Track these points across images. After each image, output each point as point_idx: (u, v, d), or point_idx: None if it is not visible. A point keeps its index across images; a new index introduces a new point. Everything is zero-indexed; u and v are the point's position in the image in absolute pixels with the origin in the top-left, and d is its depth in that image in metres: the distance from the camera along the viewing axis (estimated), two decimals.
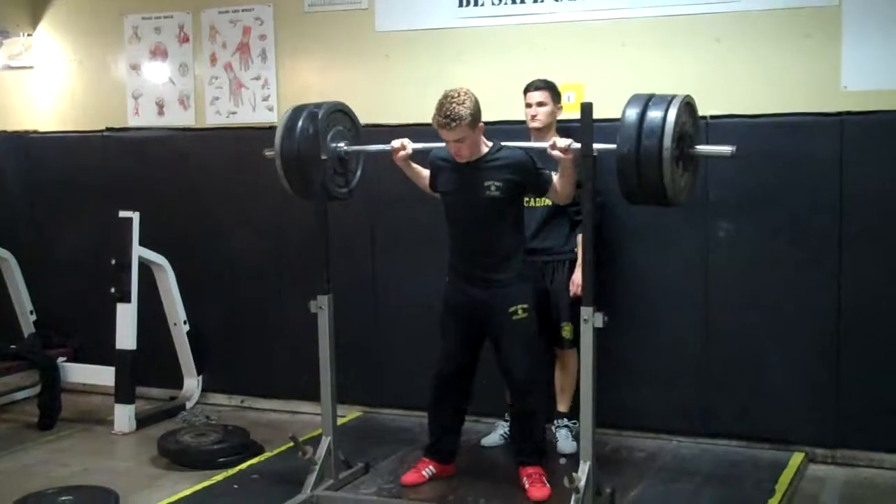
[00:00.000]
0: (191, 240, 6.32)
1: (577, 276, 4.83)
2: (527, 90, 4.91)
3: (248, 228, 6.19)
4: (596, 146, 4.01)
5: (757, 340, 5.06)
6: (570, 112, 5.02)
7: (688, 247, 5.15)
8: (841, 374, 4.93)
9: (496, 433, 5.19)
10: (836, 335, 4.92)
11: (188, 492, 4.67)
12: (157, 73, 6.50)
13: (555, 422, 5.04)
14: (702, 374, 5.17)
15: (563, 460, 4.59)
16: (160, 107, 6.51)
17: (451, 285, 4.53)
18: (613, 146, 3.95)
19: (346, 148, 4.66)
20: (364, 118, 5.68)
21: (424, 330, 4.86)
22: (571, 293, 4.84)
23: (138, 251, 5.89)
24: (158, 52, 6.49)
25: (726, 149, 4.01)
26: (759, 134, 4.96)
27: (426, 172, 4.61)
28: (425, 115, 5.54)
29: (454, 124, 4.19)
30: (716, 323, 5.13)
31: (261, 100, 6.21)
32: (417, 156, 4.60)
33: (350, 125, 4.79)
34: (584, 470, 4.07)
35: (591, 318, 4.04)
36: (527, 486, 4.43)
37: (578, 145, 4.08)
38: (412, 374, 4.84)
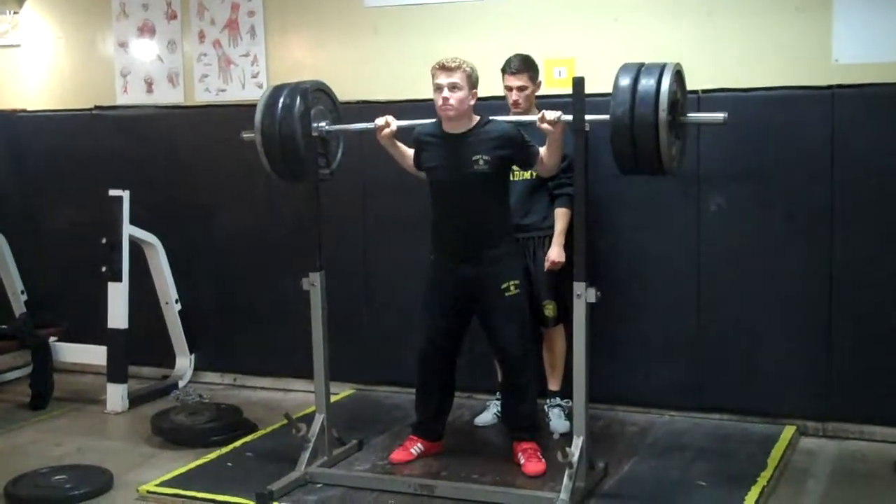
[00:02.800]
0: (182, 218, 6.29)
1: (553, 252, 4.82)
2: (504, 71, 4.87)
3: (239, 206, 6.17)
4: (588, 117, 4.00)
5: (749, 314, 5.07)
6: (562, 87, 5.02)
7: (679, 221, 5.15)
8: (832, 347, 4.94)
9: (489, 412, 5.19)
10: (827, 309, 4.93)
11: (182, 470, 4.67)
12: (146, 51, 6.45)
13: (547, 401, 5.05)
14: (694, 349, 5.19)
15: (556, 436, 4.60)
16: (149, 84, 6.47)
17: (437, 264, 4.49)
18: (606, 117, 3.94)
19: (327, 127, 4.61)
20: (354, 94, 5.70)
21: (418, 307, 4.85)
22: (546, 268, 4.83)
23: (129, 230, 5.87)
24: (146, 30, 6.44)
25: (718, 116, 4.02)
26: (750, 107, 4.94)
27: (410, 152, 4.57)
28: (416, 90, 5.58)
29: (454, 65, 4.22)
30: (708, 297, 5.14)
31: (250, 77, 6.17)
32: (401, 134, 4.56)
33: (330, 105, 4.75)
34: (577, 445, 4.09)
35: (583, 294, 4.04)
36: (522, 461, 4.44)
37: (568, 117, 4.07)
38: (405, 350, 4.84)
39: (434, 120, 4.43)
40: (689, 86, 4.98)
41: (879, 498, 4.21)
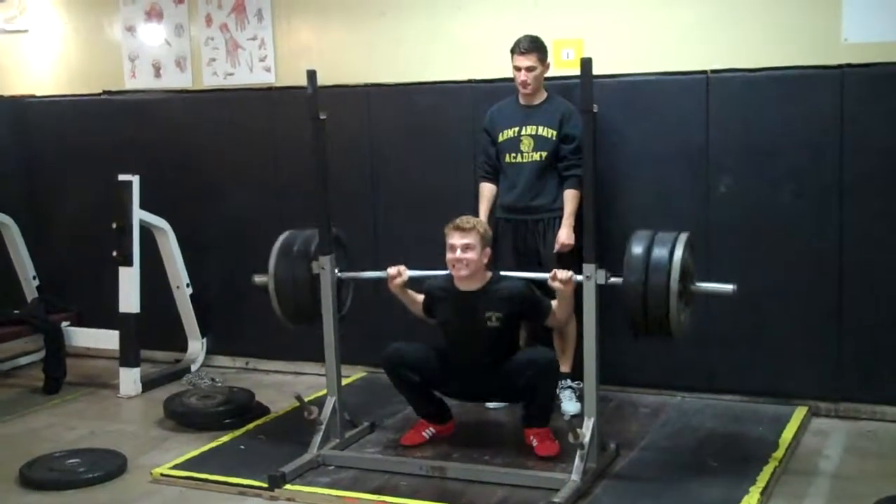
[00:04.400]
0: (191, 202, 6.30)
1: (563, 234, 4.81)
2: (513, 51, 4.88)
3: (248, 189, 6.17)
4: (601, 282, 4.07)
5: (759, 295, 5.05)
6: (570, 69, 5.00)
7: (689, 201, 5.13)
8: (843, 327, 4.93)
9: None
10: (838, 288, 4.91)
11: (195, 453, 4.70)
12: (153, 35, 6.45)
13: (559, 383, 5.04)
14: (704, 330, 5.16)
15: (566, 417, 4.60)
16: (157, 69, 6.48)
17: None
18: (619, 280, 4.04)
19: (339, 274, 4.63)
20: (363, 77, 5.71)
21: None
22: (556, 250, 4.82)
23: (139, 214, 5.88)
24: (154, 14, 6.43)
25: (727, 287, 4.10)
26: (759, 88, 4.93)
27: (420, 297, 4.61)
28: (424, 72, 5.59)
29: (468, 226, 4.32)
30: (718, 278, 5.10)
31: (258, 60, 6.17)
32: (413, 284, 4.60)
33: (341, 251, 4.75)
34: (588, 426, 4.10)
35: (593, 276, 4.05)
36: (535, 443, 4.45)
37: (579, 277, 4.12)
38: (417, 333, 4.84)
39: (446, 272, 4.45)
40: (698, 67, 5.01)
41: (892, 478, 4.20)
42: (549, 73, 5.04)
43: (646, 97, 5.15)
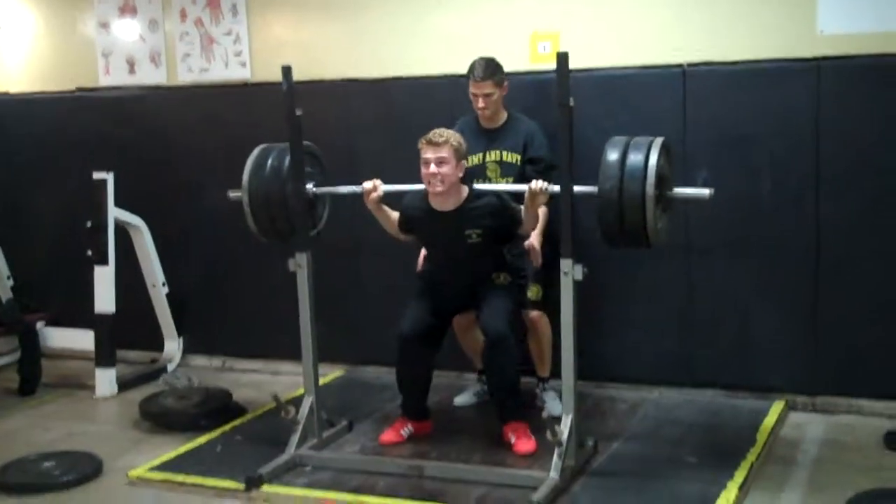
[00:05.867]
0: (167, 200, 6.25)
1: (534, 241, 4.67)
2: (469, 77, 4.77)
3: (224, 186, 6.05)
4: (575, 189, 4.03)
5: (737, 289, 5.06)
6: (546, 63, 4.97)
7: None
8: (820, 321, 4.94)
9: (469, 392, 5.18)
10: (814, 283, 4.92)
11: (172, 454, 4.66)
12: (127, 31, 6.38)
13: (540, 385, 5.03)
14: (683, 324, 5.18)
15: (545, 415, 4.59)
16: (131, 65, 6.41)
17: (430, 271, 4.64)
18: (593, 188, 3.96)
19: (314, 189, 4.60)
20: (340, 73, 5.66)
21: (406, 286, 4.83)
22: (535, 263, 4.75)
23: (114, 212, 5.83)
24: (127, 9, 6.36)
25: (704, 191, 4.04)
26: (736, 80, 4.93)
27: (395, 214, 4.57)
28: (403, 68, 5.55)
29: (441, 140, 4.29)
30: (696, 272, 5.13)
31: (233, 55, 6.11)
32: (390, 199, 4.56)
33: (317, 166, 4.72)
34: (566, 423, 4.10)
35: (570, 271, 4.03)
36: (513, 440, 4.44)
37: (554, 188, 4.10)
38: (394, 330, 4.82)
39: (421, 187, 4.40)
40: (675, 60, 4.99)
41: (868, 471, 4.21)
42: (526, 68, 5.01)
43: (622, 90, 5.13)
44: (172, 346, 6.27)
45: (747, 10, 4.95)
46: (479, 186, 4.48)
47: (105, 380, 5.76)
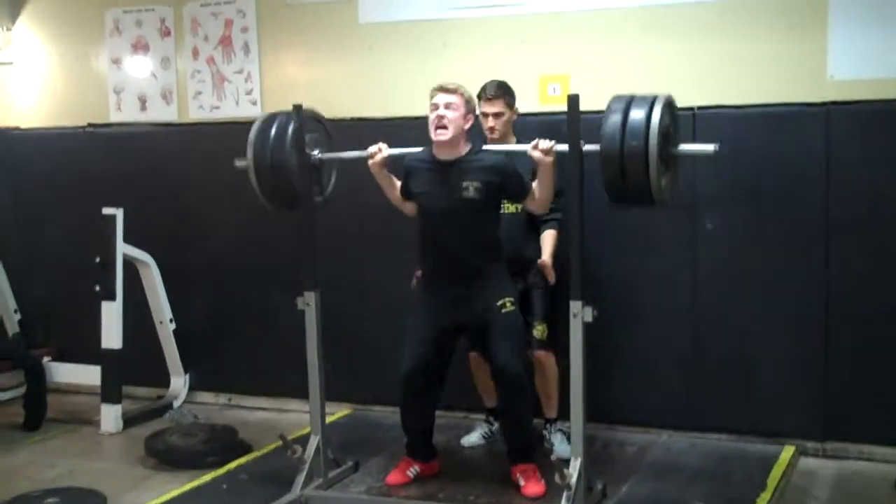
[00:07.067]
0: (176, 236, 6.26)
1: (547, 260, 4.71)
2: (480, 97, 4.75)
3: (234, 224, 6.13)
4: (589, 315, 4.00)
5: (745, 334, 5.04)
6: (557, 104, 4.99)
7: (675, 239, 5.12)
8: (830, 366, 4.92)
9: (476, 433, 5.14)
10: (824, 327, 4.90)
11: (176, 492, 4.63)
12: (139, 68, 6.43)
13: (546, 426, 4.98)
14: (692, 369, 5.16)
15: (554, 458, 4.55)
16: (142, 102, 6.45)
17: (426, 286, 4.49)
18: (597, 147, 3.92)
19: (320, 155, 4.60)
20: (349, 112, 5.69)
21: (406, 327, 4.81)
22: (549, 280, 4.75)
23: (123, 248, 5.83)
24: (140, 46, 6.42)
25: (709, 147, 3.95)
26: (745, 124, 4.94)
27: (398, 182, 4.53)
28: (411, 108, 5.56)
29: (452, 87, 4.27)
30: (704, 317, 5.11)
31: (244, 94, 6.15)
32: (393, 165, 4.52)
33: (324, 133, 4.73)
34: (575, 466, 4.05)
35: (580, 313, 4.01)
36: (522, 482, 4.39)
37: (562, 147, 4.03)
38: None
39: (425, 148, 4.39)
40: (685, 103, 4.99)
41: None
42: (536, 109, 5.03)
43: None
44: (179, 382, 6.25)
45: (757, 53, 4.97)
46: (487, 147, 4.43)
47: (111, 416, 5.74)
